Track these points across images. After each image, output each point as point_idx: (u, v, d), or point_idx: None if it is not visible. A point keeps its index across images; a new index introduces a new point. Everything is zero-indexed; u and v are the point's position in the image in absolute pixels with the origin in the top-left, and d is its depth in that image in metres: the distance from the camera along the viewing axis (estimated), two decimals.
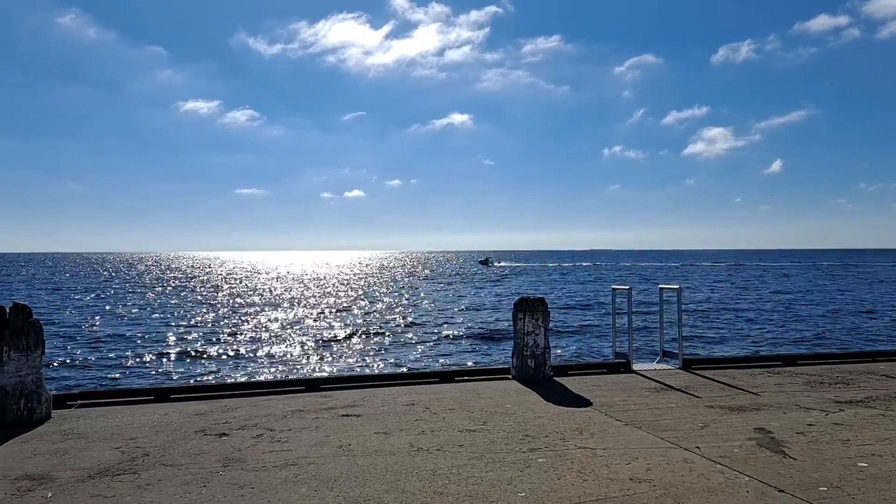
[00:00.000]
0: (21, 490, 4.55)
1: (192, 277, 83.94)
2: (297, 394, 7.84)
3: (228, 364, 19.44)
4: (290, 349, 22.13)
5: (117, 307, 39.31)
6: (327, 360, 20.11)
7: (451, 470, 4.88)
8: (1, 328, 6.30)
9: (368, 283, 67.12)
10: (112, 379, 17.40)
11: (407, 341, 24.04)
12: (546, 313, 8.54)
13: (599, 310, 35.81)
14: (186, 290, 56.56)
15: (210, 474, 4.84)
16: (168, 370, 18.67)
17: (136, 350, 22.17)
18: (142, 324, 30.14)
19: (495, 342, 23.73)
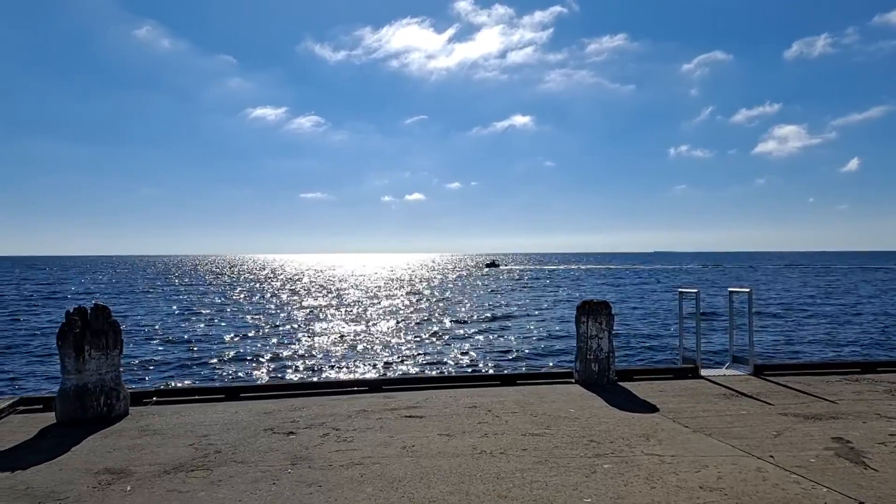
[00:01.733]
0: (102, 483, 4.77)
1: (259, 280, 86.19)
2: (360, 394, 7.95)
3: (294, 364, 19.87)
4: (353, 350, 22.47)
5: (189, 308, 40.71)
6: (389, 361, 20.32)
7: (515, 474, 4.86)
8: (82, 328, 6.62)
9: (428, 286, 67.47)
10: (185, 377, 18.03)
11: (467, 344, 24.05)
12: (610, 317, 8.41)
13: (665, 313, 35.01)
14: (253, 292, 58.12)
15: (279, 472, 4.96)
16: (237, 369, 19.22)
17: (208, 350, 22.92)
18: (212, 324, 31.12)
19: (557, 346, 23.49)
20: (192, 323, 31.93)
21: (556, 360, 20.32)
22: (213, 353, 22.27)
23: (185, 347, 23.52)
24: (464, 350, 22.57)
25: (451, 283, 74.71)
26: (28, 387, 16.27)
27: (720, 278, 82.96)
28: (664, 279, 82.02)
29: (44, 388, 15.50)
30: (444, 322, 31.67)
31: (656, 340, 24.71)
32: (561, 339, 24.88)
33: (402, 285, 69.07)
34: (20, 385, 16.58)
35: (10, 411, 7.08)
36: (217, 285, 70.84)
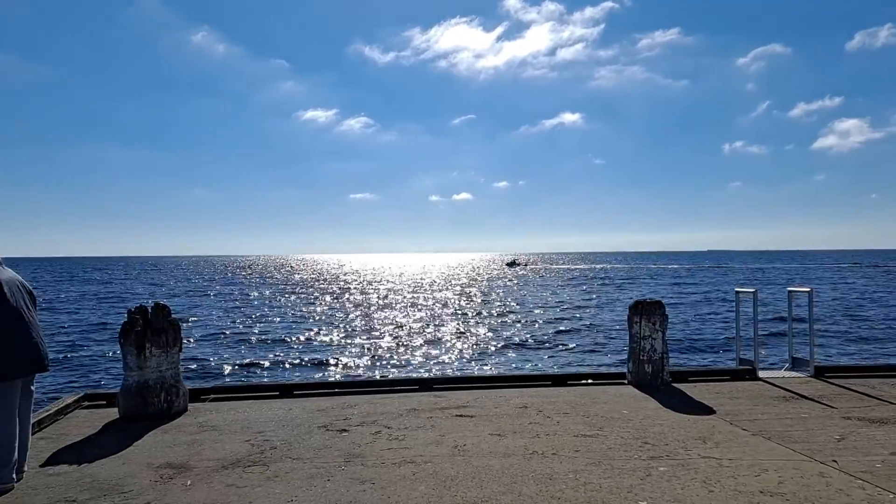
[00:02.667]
0: (164, 477, 4.92)
1: (309, 280, 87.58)
2: (410, 393, 7.99)
3: (346, 363, 20.12)
4: (403, 349, 22.62)
5: (243, 308, 41.66)
6: (438, 360, 20.38)
7: (568, 475, 4.81)
8: (144, 327, 6.83)
9: (477, 286, 67.44)
10: (240, 375, 18.46)
11: (517, 343, 23.94)
12: (664, 317, 8.26)
13: (721, 314, 34.19)
14: (304, 292, 59.09)
15: (333, 469, 5.03)
16: (291, 367, 19.57)
17: (262, 348, 23.41)
18: (266, 323, 31.77)
19: (609, 346, 23.19)
20: (246, 322, 32.64)
21: (607, 361, 20.06)
22: (267, 351, 22.73)
23: (240, 346, 24.07)
24: (513, 350, 22.47)
25: (500, 282, 74.50)
26: (92, 383, 16.90)
27: (778, 278, 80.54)
28: (719, 278, 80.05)
29: (107, 385, 16.07)
30: (493, 321, 31.60)
31: (712, 341, 24.15)
32: (613, 340, 24.55)
33: (451, 285, 69.20)
34: (85, 381, 17.23)
35: (75, 406, 7.37)
36: (269, 285, 72.27)
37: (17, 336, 4.77)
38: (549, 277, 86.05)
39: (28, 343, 4.85)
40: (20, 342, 4.79)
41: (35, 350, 4.91)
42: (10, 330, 4.74)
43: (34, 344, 4.91)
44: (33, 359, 4.90)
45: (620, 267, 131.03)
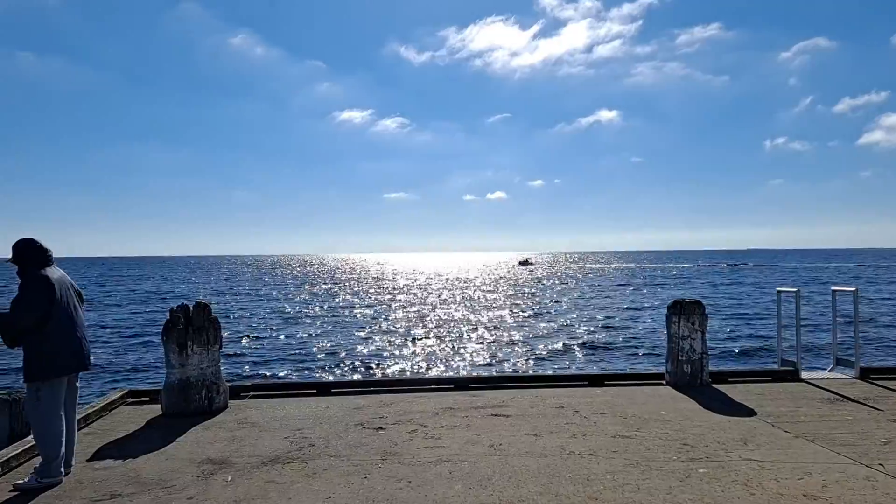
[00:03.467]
0: (205, 473, 5.01)
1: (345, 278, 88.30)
2: (446, 392, 8.01)
3: (381, 361, 20.25)
4: (438, 348, 22.66)
5: (281, 306, 42.21)
6: (474, 359, 20.37)
7: (606, 476, 4.77)
8: (185, 325, 6.98)
9: (512, 285, 67.21)
10: (279, 372, 18.71)
11: (553, 343, 23.80)
12: (703, 316, 8.12)
13: (762, 313, 33.51)
14: (340, 291, 59.60)
15: (370, 466, 5.07)
16: (327, 365, 19.77)
17: (299, 346, 23.69)
18: (303, 322, 32.14)
19: (647, 346, 22.91)
20: (284, 320, 33.08)
21: (645, 362, 19.82)
22: (305, 349, 23.00)
23: (278, 343, 24.42)
24: (549, 350, 22.35)
25: (536, 281, 74.13)
26: (136, 380, 17.30)
27: (821, 276, 78.61)
28: (760, 277, 78.42)
29: (150, 382, 16.43)
30: (529, 321, 31.46)
31: (753, 342, 23.67)
32: (650, 340, 24.24)
33: (486, 284, 69.09)
34: (129, 378, 17.65)
35: (120, 403, 7.56)
36: (305, 284, 73.07)
37: (66, 336, 4.92)
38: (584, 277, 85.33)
39: (75, 343, 5.00)
40: (68, 342, 4.94)
41: (81, 350, 5.06)
42: (60, 330, 4.89)
43: (80, 344, 5.06)
44: (79, 358, 5.05)
45: (658, 266, 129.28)
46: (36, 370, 4.78)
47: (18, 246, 4.91)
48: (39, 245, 4.95)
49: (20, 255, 4.90)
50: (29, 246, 4.92)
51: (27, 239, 4.94)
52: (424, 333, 26.94)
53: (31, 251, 4.91)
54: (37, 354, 4.78)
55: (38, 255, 4.93)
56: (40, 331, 4.79)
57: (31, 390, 4.83)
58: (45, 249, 4.97)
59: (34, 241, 4.95)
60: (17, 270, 4.89)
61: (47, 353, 4.81)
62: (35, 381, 4.80)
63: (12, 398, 5.91)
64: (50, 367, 4.82)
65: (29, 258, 4.89)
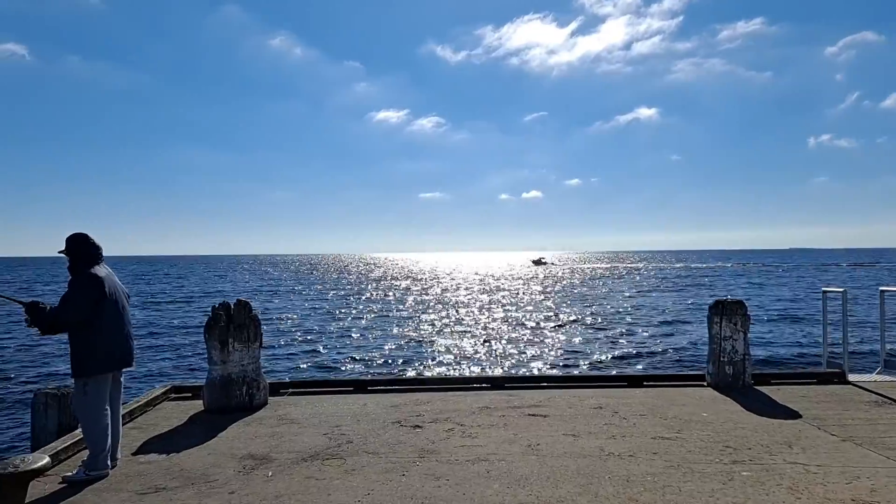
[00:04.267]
0: (247, 468, 5.09)
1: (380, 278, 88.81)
2: (482, 391, 7.99)
3: (418, 360, 20.32)
4: (474, 347, 22.64)
5: (318, 304, 42.67)
6: (510, 359, 20.30)
7: (646, 477, 4.71)
8: (227, 322, 7.09)
9: (549, 284, 66.81)
10: (317, 370, 18.93)
11: (590, 343, 23.59)
12: (746, 317, 7.96)
13: (807, 314, 32.71)
14: (375, 290, 59.98)
15: (408, 464, 5.09)
16: (364, 363, 19.91)
17: (337, 344, 23.92)
18: (340, 320, 32.43)
19: (687, 347, 22.55)
20: (321, 318, 33.42)
21: (685, 363, 19.50)
22: (342, 347, 23.21)
23: (316, 341, 24.68)
24: (586, 349, 22.15)
25: (572, 280, 73.57)
26: (178, 376, 17.66)
27: (869, 276, 76.36)
28: (804, 277, 76.53)
29: (192, 378, 16.76)
30: (567, 321, 31.24)
31: (797, 343, 23.12)
32: (690, 341, 23.85)
33: (521, 283, 68.81)
34: (172, 374, 18.04)
35: (163, 398, 7.72)
36: (341, 283, 73.72)
37: (113, 334, 5.04)
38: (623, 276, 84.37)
39: (122, 340, 5.12)
40: (115, 339, 5.06)
41: (126, 347, 5.18)
42: (108, 328, 5.01)
43: (126, 341, 5.18)
44: (124, 355, 5.16)
45: (696, 266, 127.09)
46: (83, 366, 4.91)
47: (72, 240, 5.04)
48: (92, 241, 5.08)
49: (72, 249, 5.02)
50: (82, 241, 5.05)
51: (80, 234, 5.07)
52: (459, 333, 26.95)
53: (83, 246, 5.04)
54: (84, 351, 4.90)
55: (89, 250, 5.06)
56: (89, 328, 4.91)
57: (78, 385, 4.96)
58: (96, 246, 5.10)
59: (87, 237, 5.08)
60: (68, 264, 5.02)
61: (95, 350, 4.93)
62: (82, 377, 4.92)
63: (61, 393, 6.08)
64: (97, 364, 4.94)
65: (80, 253, 5.02)
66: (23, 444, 10.94)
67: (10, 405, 14.21)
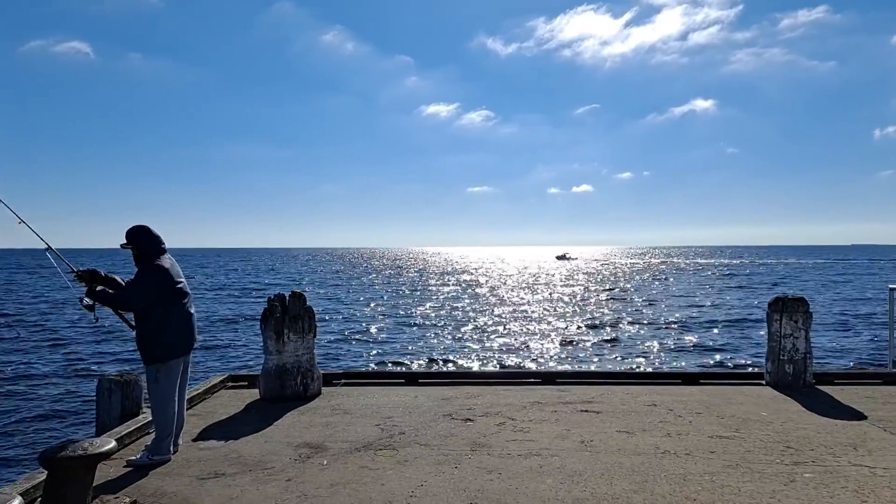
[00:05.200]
0: (302, 456, 5.19)
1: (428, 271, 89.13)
2: (533, 386, 7.95)
3: (468, 353, 20.35)
4: (524, 342, 22.55)
5: (370, 297, 43.13)
6: (561, 354, 20.15)
7: (704, 476, 4.61)
8: (282, 313, 7.22)
9: (600, 279, 65.98)
10: (368, 361, 19.15)
11: (644, 339, 23.22)
12: (808, 314, 7.70)
13: (871, 313, 31.50)
14: (426, 284, 60.24)
15: (460, 457, 5.10)
16: (414, 356, 20.06)
17: (388, 336, 24.15)
18: (388, 312, 32.71)
19: (744, 345, 21.99)
20: (372, 310, 33.77)
21: (742, 361, 19.02)
22: (393, 339, 23.42)
23: (367, 333, 24.98)
24: (640, 345, 21.80)
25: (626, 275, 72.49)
26: (235, 365, 18.12)
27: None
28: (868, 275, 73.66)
29: (248, 367, 17.15)
30: (619, 315, 30.81)
31: (861, 343, 22.29)
32: (748, 338, 23.25)
33: (571, 278, 68.14)
34: (228, 363, 18.52)
35: (221, 386, 7.93)
36: (392, 276, 74.30)
37: (181, 322, 5.19)
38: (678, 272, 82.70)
39: (189, 329, 5.27)
40: (183, 328, 5.21)
41: (192, 334, 5.33)
42: (177, 317, 5.16)
43: (193, 328, 5.34)
44: (191, 341, 5.31)
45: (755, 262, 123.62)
46: (155, 354, 5.06)
47: (134, 232, 5.16)
48: (154, 233, 5.22)
49: (136, 240, 5.15)
50: (145, 233, 5.19)
51: (141, 226, 5.20)
52: (509, 327, 26.87)
53: (147, 238, 5.18)
54: (155, 340, 5.05)
55: (153, 241, 5.19)
56: (157, 316, 5.04)
57: (150, 372, 5.11)
58: (158, 237, 5.24)
59: (149, 229, 5.21)
60: (135, 256, 5.16)
61: (165, 339, 5.07)
62: (154, 364, 5.08)
63: (124, 379, 6.29)
64: (168, 352, 5.09)
65: (145, 244, 5.15)
66: (88, 429, 11.40)
67: (75, 391, 14.81)
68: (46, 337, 23.73)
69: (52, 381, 15.96)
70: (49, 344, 22.08)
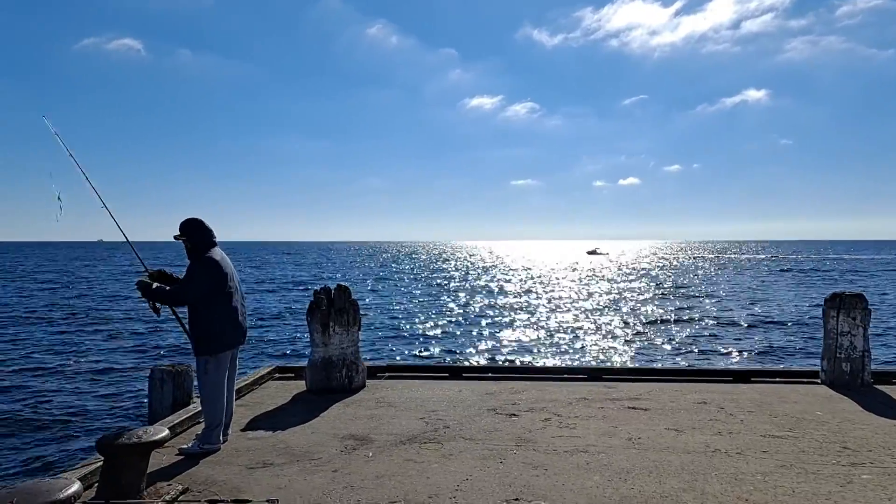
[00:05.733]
0: (348, 448, 5.23)
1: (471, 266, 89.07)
2: (579, 382, 7.87)
3: (511, 348, 20.28)
4: (568, 337, 22.36)
5: (413, 290, 43.35)
6: (608, 350, 19.91)
7: (756, 476, 4.49)
8: (328, 306, 7.29)
9: (645, 274, 64.96)
10: (411, 355, 19.26)
11: (693, 335, 22.78)
12: (866, 311, 7.43)
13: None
14: (468, 278, 60.23)
15: (505, 451, 5.08)
16: (458, 350, 20.08)
17: (431, 329, 24.23)
18: (435, 307, 32.82)
19: (797, 343, 21.39)
20: (415, 304, 33.93)
21: (795, 359, 18.50)
22: (436, 333, 23.49)
23: (411, 327, 25.11)
24: (689, 342, 21.38)
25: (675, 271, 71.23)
26: (280, 357, 18.43)
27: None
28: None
29: (295, 359, 17.43)
30: (667, 312, 30.29)
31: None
32: (802, 336, 22.59)
33: (617, 272, 67.26)
34: (274, 355, 18.84)
35: (268, 378, 8.06)
36: (435, 270, 74.50)
37: (232, 315, 5.28)
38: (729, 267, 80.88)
39: (239, 321, 5.36)
40: (234, 320, 5.30)
41: (242, 327, 5.41)
42: (228, 309, 5.25)
43: (243, 320, 5.42)
44: (240, 335, 5.40)
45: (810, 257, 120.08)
46: (205, 346, 5.17)
47: (188, 225, 5.28)
48: (206, 226, 5.33)
49: (190, 233, 5.27)
50: (198, 226, 5.30)
51: (195, 219, 5.32)
52: (553, 322, 26.67)
53: (199, 230, 5.29)
54: (206, 332, 5.15)
55: (205, 234, 5.30)
56: (209, 309, 5.14)
57: (200, 364, 5.22)
58: (210, 230, 5.35)
59: (202, 222, 5.33)
60: (187, 249, 5.27)
61: (216, 331, 5.17)
62: (204, 356, 5.19)
63: (175, 370, 6.44)
64: (217, 344, 5.19)
65: (198, 238, 5.27)
66: (140, 418, 11.73)
67: (128, 380, 15.26)
68: (102, 328, 24.52)
69: (106, 370, 16.47)
70: (104, 334, 22.81)
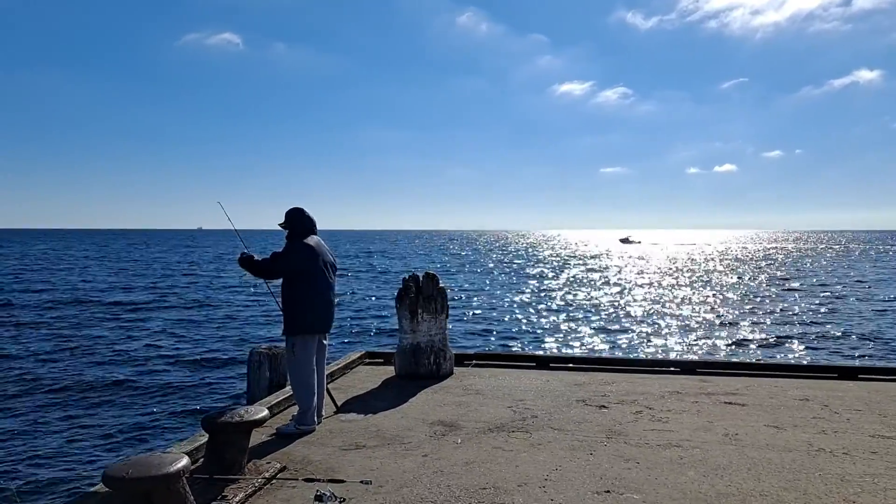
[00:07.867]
0: (437, 433, 5.31)
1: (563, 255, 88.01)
2: (672, 375, 7.67)
3: (600, 339, 19.97)
4: (663, 329, 21.79)
5: (501, 279, 43.36)
6: (702, 343, 19.28)
7: (864, 478, 4.25)
8: (416, 293, 7.40)
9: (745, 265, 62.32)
10: (497, 343, 19.30)
11: (795, 329, 21.71)
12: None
13: None
14: (557, 267, 59.61)
15: (595, 443, 5.01)
16: (545, 339, 19.96)
17: (519, 318, 24.20)
18: (522, 295, 32.72)
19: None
20: (503, 293, 33.93)
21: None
22: (524, 322, 23.43)
23: (498, 315, 25.16)
24: (790, 336, 20.37)
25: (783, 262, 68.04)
26: (370, 342, 18.88)
27: None
28: None
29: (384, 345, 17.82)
30: (769, 305, 28.99)
31: None
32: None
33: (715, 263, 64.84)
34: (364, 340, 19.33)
35: (359, 362, 8.27)
36: (524, 259, 74.13)
37: (318, 299, 5.45)
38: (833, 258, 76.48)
39: (325, 306, 5.52)
40: (319, 305, 5.46)
41: (327, 314, 5.57)
42: (315, 293, 5.43)
43: (329, 308, 5.58)
44: (325, 321, 5.56)
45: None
46: (291, 326, 5.39)
47: (290, 213, 5.57)
48: (307, 214, 5.59)
49: (290, 220, 5.54)
50: (298, 214, 5.56)
51: (297, 208, 5.59)
52: (645, 313, 26.05)
53: (298, 219, 5.54)
54: (292, 313, 5.37)
55: (305, 223, 5.54)
56: (298, 291, 5.35)
57: (287, 345, 5.45)
58: (311, 219, 5.60)
59: (303, 211, 5.60)
60: (287, 236, 5.53)
61: (300, 313, 5.37)
62: (291, 336, 5.40)
63: (272, 352, 6.71)
64: (302, 325, 5.38)
65: (296, 224, 5.52)
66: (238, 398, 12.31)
67: (228, 362, 16.04)
68: (205, 313, 25.84)
69: (208, 352, 17.37)
70: (205, 319, 24.03)
